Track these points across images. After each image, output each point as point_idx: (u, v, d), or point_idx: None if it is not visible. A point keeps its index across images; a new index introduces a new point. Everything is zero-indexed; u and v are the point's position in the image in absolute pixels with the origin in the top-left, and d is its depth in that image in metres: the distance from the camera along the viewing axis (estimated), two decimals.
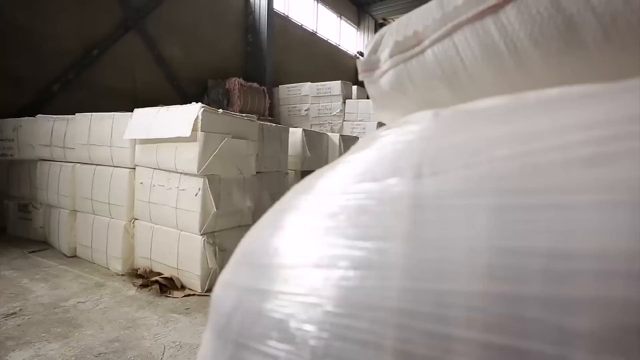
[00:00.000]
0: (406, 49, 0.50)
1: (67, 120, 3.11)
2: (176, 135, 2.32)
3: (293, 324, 0.39)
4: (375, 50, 0.56)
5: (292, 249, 0.43)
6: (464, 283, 0.31)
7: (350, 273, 0.37)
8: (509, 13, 0.42)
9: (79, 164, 3.03)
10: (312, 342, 0.37)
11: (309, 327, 0.38)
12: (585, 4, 0.39)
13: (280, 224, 0.47)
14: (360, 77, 0.58)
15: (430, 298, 0.32)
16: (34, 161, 3.37)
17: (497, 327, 0.29)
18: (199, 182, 2.37)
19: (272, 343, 0.40)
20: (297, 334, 0.38)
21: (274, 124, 3.66)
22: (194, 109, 2.35)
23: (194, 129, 2.30)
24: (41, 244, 3.28)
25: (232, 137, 2.55)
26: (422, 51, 0.49)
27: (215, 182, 2.42)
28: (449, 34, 0.46)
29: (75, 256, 3.02)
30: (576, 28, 0.39)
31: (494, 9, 0.43)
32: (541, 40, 0.41)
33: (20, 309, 2.04)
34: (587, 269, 0.28)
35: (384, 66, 0.54)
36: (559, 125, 0.33)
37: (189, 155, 2.35)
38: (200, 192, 2.36)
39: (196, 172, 2.33)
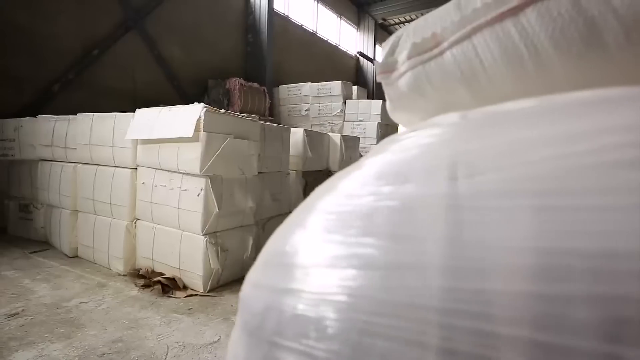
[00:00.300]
0: (424, 50, 0.50)
1: (69, 120, 3.11)
2: (178, 136, 2.32)
3: (332, 323, 0.39)
4: (392, 51, 0.55)
5: (326, 249, 0.43)
6: (507, 283, 0.31)
7: (388, 273, 0.37)
8: (530, 15, 0.42)
9: (80, 164, 3.02)
10: (353, 341, 0.37)
11: (348, 326, 0.38)
12: (606, 6, 0.39)
13: (310, 225, 0.46)
14: (378, 79, 0.58)
15: (472, 297, 0.33)
16: (35, 161, 3.36)
17: (542, 325, 0.30)
18: (201, 182, 2.37)
19: (310, 342, 0.40)
20: (337, 333, 0.38)
21: (275, 124, 3.65)
22: (196, 109, 2.35)
23: (196, 129, 2.29)
24: (42, 244, 3.27)
25: (234, 138, 2.55)
26: (441, 53, 0.49)
27: (217, 183, 2.42)
28: (468, 36, 0.46)
29: (76, 256, 3.01)
30: (597, 30, 0.40)
31: (514, 11, 0.43)
32: (562, 42, 0.41)
33: (23, 310, 2.04)
34: (633, 269, 0.28)
35: (401, 68, 0.54)
36: (596, 127, 0.33)
37: (191, 156, 2.34)
38: (202, 192, 2.35)
39: (198, 172, 2.33)
